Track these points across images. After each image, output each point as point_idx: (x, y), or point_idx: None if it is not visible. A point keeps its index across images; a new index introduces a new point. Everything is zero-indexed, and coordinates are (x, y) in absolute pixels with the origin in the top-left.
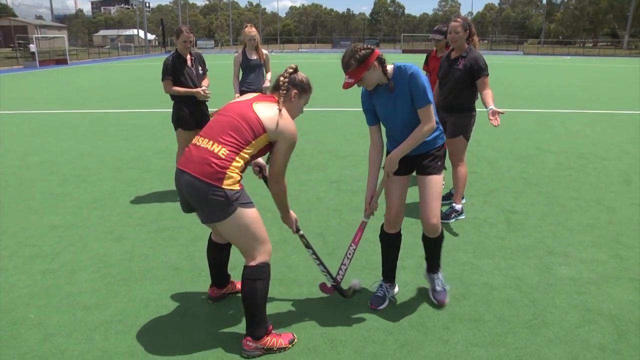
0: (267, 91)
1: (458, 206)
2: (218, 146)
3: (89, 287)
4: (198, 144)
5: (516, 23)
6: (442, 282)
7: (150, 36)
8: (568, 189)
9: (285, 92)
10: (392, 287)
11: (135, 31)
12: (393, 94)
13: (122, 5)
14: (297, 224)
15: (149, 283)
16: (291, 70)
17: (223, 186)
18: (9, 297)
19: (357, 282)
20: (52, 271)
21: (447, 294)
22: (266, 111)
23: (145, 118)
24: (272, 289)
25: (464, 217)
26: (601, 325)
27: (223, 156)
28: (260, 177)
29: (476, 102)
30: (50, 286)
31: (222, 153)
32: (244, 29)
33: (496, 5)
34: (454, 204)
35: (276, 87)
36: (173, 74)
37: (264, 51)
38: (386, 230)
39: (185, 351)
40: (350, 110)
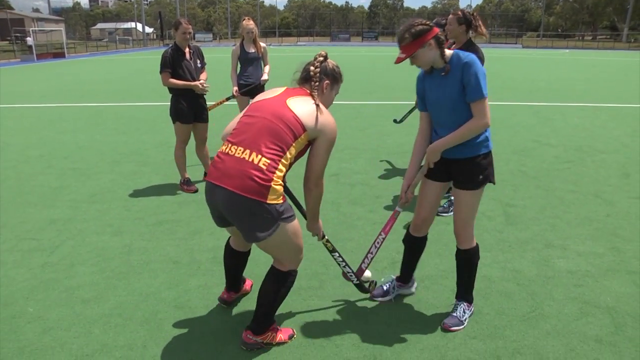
0: (294, 82)
1: None
2: (257, 156)
3: (88, 281)
4: (231, 154)
5: (515, 16)
6: (462, 314)
7: (148, 29)
8: (566, 182)
9: (317, 84)
10: (403, 287)
11: (133, 24)
12: (444, 81)
13: None
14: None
15: (148, 276)
16: (322, 58)
17: (268, 201)
18: (8, 291)
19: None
20: (51, 265)
21: (458, 326)
22: (303, 107)
23: (143, 111)
24: None
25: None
26: (598, 317)
27: (264, 167)
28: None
29: None
30: (49, 280)
31: (263, 164)
32: (242, 22)
33: None
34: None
35: (306, 79)
36: (172, 67)
37: (262, 44)
38: (411, 232)
39: (184, 344)
40: (348, 103)
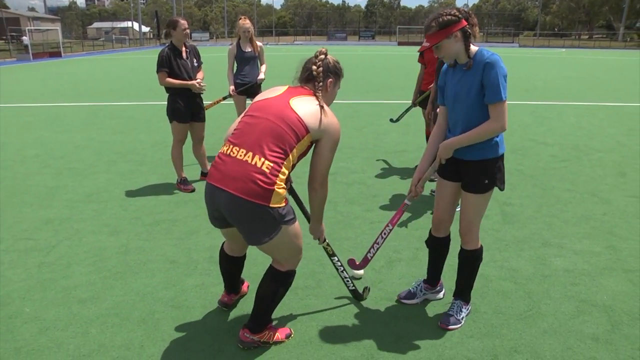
0: (296, 81)
1: None
2: (260, 159)
3: (85, 281)
4: (233, 155)
5: (512, 15)
6: (460, 313)
7: (144, 28)
8: (563, 181)
9: (321, 84)
10: (430, 291)
11: (129, 23)
12: (464, 77)
13: None
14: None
15: (145, 276)
16: (322, 56)
17: (271, 205)
18: (5, 291)
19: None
20: (48, 265)
21: (456, 325)
22: (306, 108)
23: (140, 111)
24: None
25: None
26: (595, 316)
27: (268, 170)
28: (287, 188)
29: None
30: (45, 280)
31: (267, 167)
32: (238, 21)
33: None
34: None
35: (308, 79)
36: (168, 66)
37: (259, 43)
38: (432, 232)
39: (181, 344)
40: (345, 102)
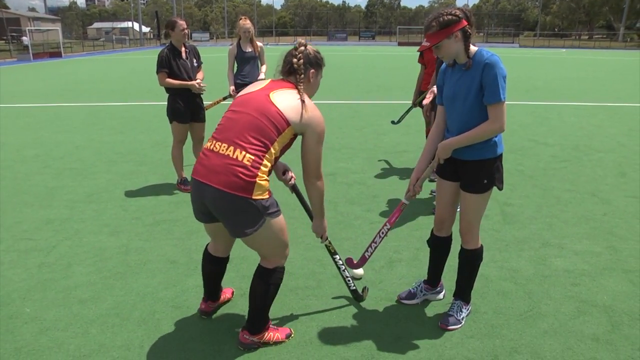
0: (278, 74)
1: None
2: (241, 152)
3: (85, 281)
4: (216, 150)
5: (512, 15)
6: (460, 313)
7: (145, 29)
8: (563, 181)
9: (303, 76)
10: (431, 291)
11: (130, 24)
12: (463, 77)
13: None
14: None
15: (145, 276)
16: (302, 47)
17: (253, 197)
18: (5, 291)
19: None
20: (48, 265)
21: (456, 325)
22: (286, 101)
23: (140, 111)
24: None
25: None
26: (595, 316)
27: (249, 163)
28: (290, 186)
29: None
30: (46, 280)
31: (247, 160)
32: (239, 22)
33: None
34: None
35: (290, 72)
36: (168, 67)
37: (259, 43)
38: (434, 232)
39: (181, 344)
40: (345, 102)
